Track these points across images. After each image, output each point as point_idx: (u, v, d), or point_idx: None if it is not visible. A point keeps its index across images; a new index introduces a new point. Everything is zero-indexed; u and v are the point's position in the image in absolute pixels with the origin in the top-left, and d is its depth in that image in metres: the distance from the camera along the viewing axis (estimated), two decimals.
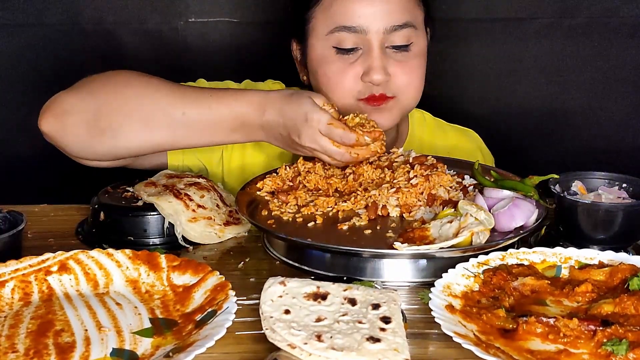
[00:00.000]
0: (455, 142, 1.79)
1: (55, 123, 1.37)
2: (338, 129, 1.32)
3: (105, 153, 1.41)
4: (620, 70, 2.07)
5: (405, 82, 1.52)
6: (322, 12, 1.51)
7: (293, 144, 1.36)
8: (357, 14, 1.48)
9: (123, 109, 1.38)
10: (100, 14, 1.99)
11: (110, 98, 1.39)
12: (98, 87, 1.41)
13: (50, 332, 1.02)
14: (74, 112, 1.37)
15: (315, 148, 1.34)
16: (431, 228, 1.23)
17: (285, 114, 1.34)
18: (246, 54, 2.03)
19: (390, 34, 1.48)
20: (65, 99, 1.39)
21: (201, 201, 1.39)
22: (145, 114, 1.38)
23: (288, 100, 1.35)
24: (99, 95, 1.39)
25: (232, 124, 1.38)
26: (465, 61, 2.09)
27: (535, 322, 0.99)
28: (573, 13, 2.02)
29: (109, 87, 1.40)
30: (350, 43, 1.49)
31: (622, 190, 1.31)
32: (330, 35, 1.50)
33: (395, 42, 1.50)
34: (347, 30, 1.48)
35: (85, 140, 1.38)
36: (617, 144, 2.12)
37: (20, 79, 2.03)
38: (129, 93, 1.39)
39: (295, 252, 1.28)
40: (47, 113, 1.38)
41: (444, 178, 1.38)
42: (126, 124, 1.37)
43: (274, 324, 0.98)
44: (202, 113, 1.37)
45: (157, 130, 1.38)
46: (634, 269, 1.13)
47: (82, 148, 1.40)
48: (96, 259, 1.19)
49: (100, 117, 1.37)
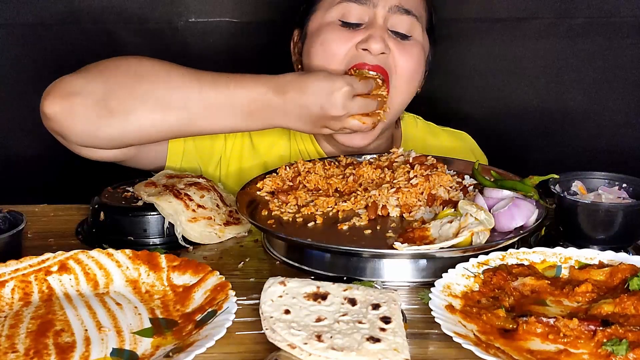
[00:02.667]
0: (448, 145, 1.79)
1: (61, 104, 1.31)
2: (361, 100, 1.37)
3: (113, 137, 1.35)
4: (620, 70, 2.07)
5: (403, 63, 1.52)
6: None
7: (319, 120, 1.36)
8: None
9: (136, 88, 1.33)
10: (100, 14, 1.99)
11: (122, 78, 1.34)
12: (109, 69, 1.36)
13: (50, 332, 1.02)
14: (83, 92, 1.31)
15: (349, 111, 1.35)
16: (431, 228, 1.23)
17: (306, 90, 1.34)
18: (246, 54, 2.03)
19: (395, 14, 1.50)
20: (72, 80, 1.34)
21: (201, 201, 1.39)
22: (160, 92, 1.33)
23: (306, 77, 1.36)
24: (110, 75, 1.34)
25: (250, 106, 1.35)
26: (465, 61, 2.09)
27: (535, 322, 0.99)
28: (573, 13, 2.02)
29: (121, 68, 1.36)
30: (355, 17, 1.50)
31: (622, 190, 1.32)
32: (337, 5, 1.51)
33: (397, 26, 1.51)
34: (357, 1, 1.49)
35: (93, 123, 1.32)
36: (617, 144, 2.12)
37: (20, 79, 2.03)
38: (142, 73, 1.35)
39: (295, 252, 1.28)
40: (52, 94, 1.32)
41: (444, 178, 1.38)
42: (139, 104, 1.32)
43: (274, 324, 0.98)
44: (220, 92, 1.35)
45: (171, 110, 1.33)
46: (634, 269, 1.13)
47: (89, 132, 1.33)
48: (96, 259, 1.19)
49: (111, 96, 1.31)
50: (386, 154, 1.51)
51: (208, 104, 1.35)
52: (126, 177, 1.49)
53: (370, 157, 1.53)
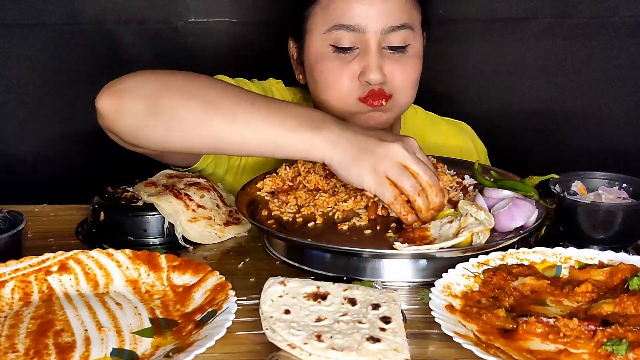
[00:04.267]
0: (448, 135, 1.80)
1: (113, 100, 1.29)
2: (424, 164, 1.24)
3: (156, 138, 1.30)
4: (620, 70, 2.07)
5: (401, 82, 1.52)
6: (321, 10, 1.52)
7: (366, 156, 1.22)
8: (356, 13, 1.48)
9: (188, 89, 1.29)
10: (100, 14, 1.99)
11: (175, 80, 1.31)
12: (165, 72, 1.34)
13: (50, 332, 1.02)
14: (135, 89, 1.30)
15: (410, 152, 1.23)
16: (431, 228, 1.23)
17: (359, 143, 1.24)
18: (246, 54, 2.03)
19: (388, 34, 1.49)
20: (128, 78, 1.32)
21: (201, 201, 1.39)
22: (210, 97, 1.28)
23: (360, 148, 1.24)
24: (165, 77, 1.32)
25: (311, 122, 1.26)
26: (465, 61, 2.09)
27: (535, 322, 0.99)
28: (573, 13, 2.02)
29: (178, 75, 1.33)
30: (347, 42, 1.49)
31: (622, 190, 1.31)
32: (328, 33, 1.50)
33: (392, 42, 1.50)
34: (345, 28, 1.48)
35: (140, 120, 1.28)
36: (617, 144, 2.12)
37: (20, 79, 2.03)
38: (197, 78, 1.32)
39: (295, 252, 1.28)
40: (106, 91, 1.31)
41: (444, 178, 1.38)
42: (186, 104, 1.27)
43: (274, 324, 0.98)
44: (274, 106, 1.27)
45: (217, 115, 1.26)
46: (634, 269, 1.13)
47: (134, 130, 1.30)
48: (96, 259, 1.19)
49: (161, 95, 1.28)
50: None
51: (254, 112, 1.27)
52: (126, 177, 1.49)
53: None
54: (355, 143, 1.22)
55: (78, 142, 2.05)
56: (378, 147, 1.22)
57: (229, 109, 1.26)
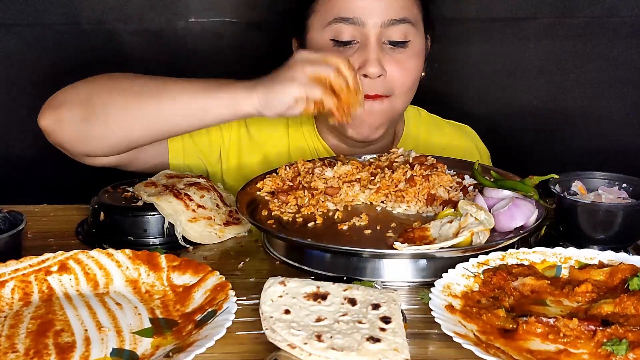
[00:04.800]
0: (451, 138, 1.79)
1: (52, 116, 1.39)
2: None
3: (99, 138, 1.40)
4: (620, 70, 2.07)
5: (399, 81, 1.53)
6: (322, 4, 1.53)
7: (283, 72, 1.32)
8: (356, 6, 1.49)
9: (115, 87, 1.39)
10: (100, 14, 1.99)
11: (104, 82, 1.41)
12: (94, 79, 1.43)
13: (50, 332, 1.02)
14: (69, 100, 1.40)
15: (311, 60, 1.31)
16: (431, 228, 1.23)
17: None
18: (246, 54, 2.03)
19: (388, 28, 1.49)
20: (61, 92, 1.42)
21: (201, 201, 1.39)
22: (135, 88, 1.38)
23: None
24: (94, 83, 1.42)
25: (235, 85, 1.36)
26: (465, 61, 2.09)
27: (535, 322, 0.99)
28: (573, 13, 2.02)
29: (105, 77, 1.43)
30: (347, 35, 1.50)
31: (622, 190, 1.32)
32: (328, 27, 1.51)
33: (392, 37, 1.50)
34: (345, 21, 1.49)
35: (79, 126, 1.38)
36: (617, 144, 2.12)
37: (20, 79, 2.03)
38: (123, 78, 1.41)
39: (295, 252, 1.28)
40: (45, 108, 1.41)
41: (444, 178, 1.38)
42: (115, 99, 1.37)
43: (274, 324, 0.98)
44: (196, 80, 1.37)
45: (145, 100, 1.36)
46: (634, 269, 1.13)
47: (77, 137, 1.40)
48: (96, 259, 1.19)
49: (92, 98, 1.38)
50: (386, 154, 1.51)
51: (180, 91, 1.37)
52: (126, 177, 1.49)
53: (371, 157, 1.53)
54: (266, 78, 1.32)
55: None
56: (285, 67, 1.31)
57: (154, 92, 1.36)
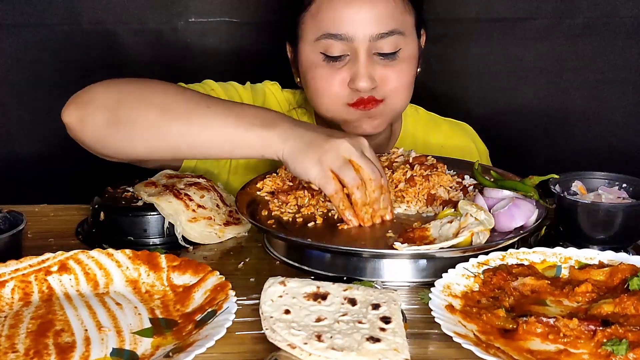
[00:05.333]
0: (449, 136, 1.79)
1: (76, 112, 1.33)
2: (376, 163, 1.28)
3: (120, 146, 1.34)
4: (620, 70, 2.07)
5: (393, 86, 1.52)
6: (311, 18, 1.51)
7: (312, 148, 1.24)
8: (344, 22, 1.47)
9: (146, 97, 1.33)
10: (100, 14, 1.99)
11: (134, 89, 1.35)
12: (126, 82, 1.37)
13: (50, 332, 1.02)
14: (96, 100, 1.34)
15: (358, 150, 1.25)
16: (431, 228, 1.23)
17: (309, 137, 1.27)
18: (246, 55, 2.03)
19: (377, 41, 1.48)
20: (90, 89, 1.36)
21: (201, 201, 1.39)
22: (166, 103, 1.32)
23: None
24: (125, 87, 1.36)
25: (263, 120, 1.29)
26: (465, 61, 2.09)
27: (535, 322, 0.99)
28: (573, 13, 2.02)
29: (137, 81, 1.37)
30: (337, 50, 1.49)
31: (622, 190, 1.31)
32: (318, 41, 1.50)
33: (382, 49, 1.49)
34: (334, 37, 1.48)
35: (102, 130, 1.32)
36: (617, 144, 2.12)
37: (20, 79, 2.03)
38: (156, 88, 1.36)
39: (295, 252, 1.28)
40: (71, 103, 1.35)
41: (444, 178, 1.38)
42: (144, 112, 1.31)
43: (274, 324, 0.98)
44: (228, 107, 1.32)
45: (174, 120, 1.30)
46: (634, 269, 1.13)
47: (99, 141, 1.34)
48: (96, 259, 1.19)
49: (120, 105, 1.32)
50: (386, 154, 1.51)
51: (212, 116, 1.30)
52: (126, 177, 1.49)
53: None
54: (305, 138, 1.25)
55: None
56: (326, 142, 1.24)
57: (185, 114, 1.31)
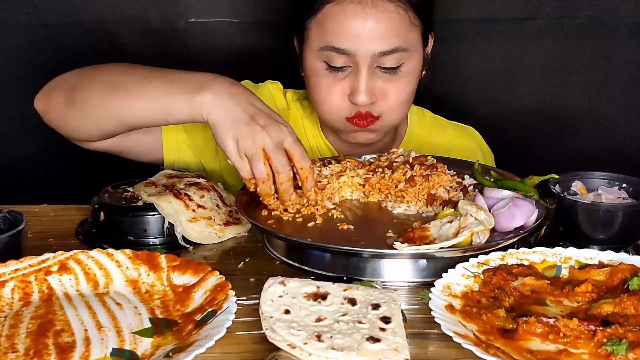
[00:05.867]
0: (455, 139, 1.79)
1: (42, 100, 1.47)
2: (302, 147, 1.30)
3: (77, 126, 1.45)
4: (620, 70, 2.07)
5: (391, 103, 1.53)
6: (316, 25, 1.51)
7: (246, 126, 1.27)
8: (347, 37, 1.46)
9: (96, 78, 1.42)
10: (100, 14, 1.99)
11: (90, 72, 1.45)
12: (84, 68, 1.47)
13: (50, 332, 1.02)
14: (59, 86, 1.46)
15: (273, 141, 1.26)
16: (431, 228, 1.23)
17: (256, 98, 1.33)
18: (246, 55, 2.03)
19: (380, 57, 1.48)
20: (56, 78, 1.48)
21: (201, 201, 1.39)
22: (112, 79, 1.41)
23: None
24: (84, 71, 1.45)
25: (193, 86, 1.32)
26: (465, 61, 2.09)
27: (535, 322, 0.99)
28: (573, 13, 2.02)
29: (93, 68, 1.46)
30: (339, 62, 1.49)
31: (622, 190, 1.31)
32: (321, 51, 1.50)
33: (384, 64, 1.49)
34: (336, 51, 1.48)
35: (62, 113, 1.44)
36: (617, 144, 2.12)
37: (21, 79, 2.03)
38: (106, 69, 1.45)
39: (295, 252, 1.28)
40: (40, 91, 1.48)
41: (444, 178, 1.38)
42: (93, 91, 1.41)
43: (274, 324, 0.98)
44: (164, 76, 1.37)
45: (114, 96, 1.38)
46: (634, 269, 1.13)
47: (60, 123, 1.46)
48: (96, 259, 1.19)
49: (76, 87, 1.43)
50: (386, 154, 1.51)
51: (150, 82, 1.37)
52: (126, 177, 1.49)
53: (370, 157, 1.53)
54: (229, 112, 1.28)
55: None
56: (247, 126, 1.27)
57: (124, 86, 1.39)
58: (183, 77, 1.35)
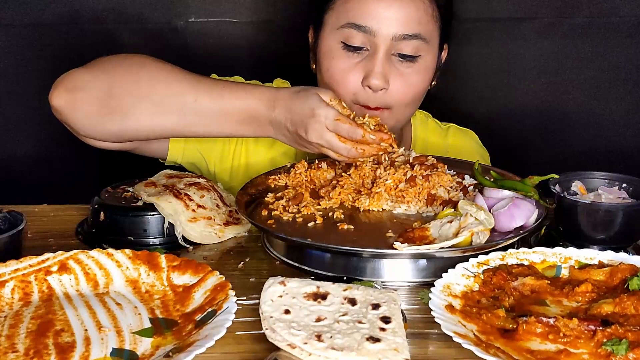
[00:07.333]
0: (455, 142, 1.79)
1: (66, 98, 1.36)
2: (345, 124, 1.30)
3: (114, 133, 1.39)
4: (620, 70, 2.07)
5: (402, 95, 1.52)
6: (340, 5, 1.51)
7: (300, 140, 1.34)
8: (371, 15, 1.47)
9: (135, 90, 1.36)
10: (100, 14, 1.99)
11: (123, 78, 1.37)
12: (112, 66, 1.40)
13: (50, 332, 1.02)
14: (87, 88, 1.36)
15: (322, 144, 1.31)
16: (431, 228, 1.23)
17: (292, 109, 1.32)
18: (246, 54, 2.04)
19: (399, 41, 1.47)
20: (79, 74, 1.38)
21: (201, 201, 1.39)
22: (157, 97, 1.36)
23: (296, 96, 1.33)
24: (113, 74, 1.38)
25: (242, 116, 1.36)
26: (465, 61, 2.10)
27: (535, 322, 0.99)
28: (573, 13, 2.02)
29: (124, 67, 1.39)
30: (358, 41, 1.49)
31: (622, 190, 1.32)
32: (340, 29, 1.50)
33: (402, 50, 1.49)
34: (357, 28, 1.48)
35: (95, 118, 1.37)
36: (617, 144, 2.12)
37: (20, 79, 2.03)
38: (142, 75, 1.38)
39: (295, 252, 1.28)
40: (60, 87, 1.37)
41: (444, 178, 1.38)
42: (137, 106, 1.36)
43: (274, 324, 0.98)
44: (214, 102, 1.36)
45: (167, 114, 1.36)
46: (634, 269, 1.13)
47: (91, 126, 1.38)
48: (96, 259, 1.19)
49: (112, 96, 1.36)
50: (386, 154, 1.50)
51: (202, 112, 1.36)
52: (126, 177, 1.49)
53: None
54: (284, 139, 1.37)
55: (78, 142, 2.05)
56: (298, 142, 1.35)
57: (176, 109, 1.36)
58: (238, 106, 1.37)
